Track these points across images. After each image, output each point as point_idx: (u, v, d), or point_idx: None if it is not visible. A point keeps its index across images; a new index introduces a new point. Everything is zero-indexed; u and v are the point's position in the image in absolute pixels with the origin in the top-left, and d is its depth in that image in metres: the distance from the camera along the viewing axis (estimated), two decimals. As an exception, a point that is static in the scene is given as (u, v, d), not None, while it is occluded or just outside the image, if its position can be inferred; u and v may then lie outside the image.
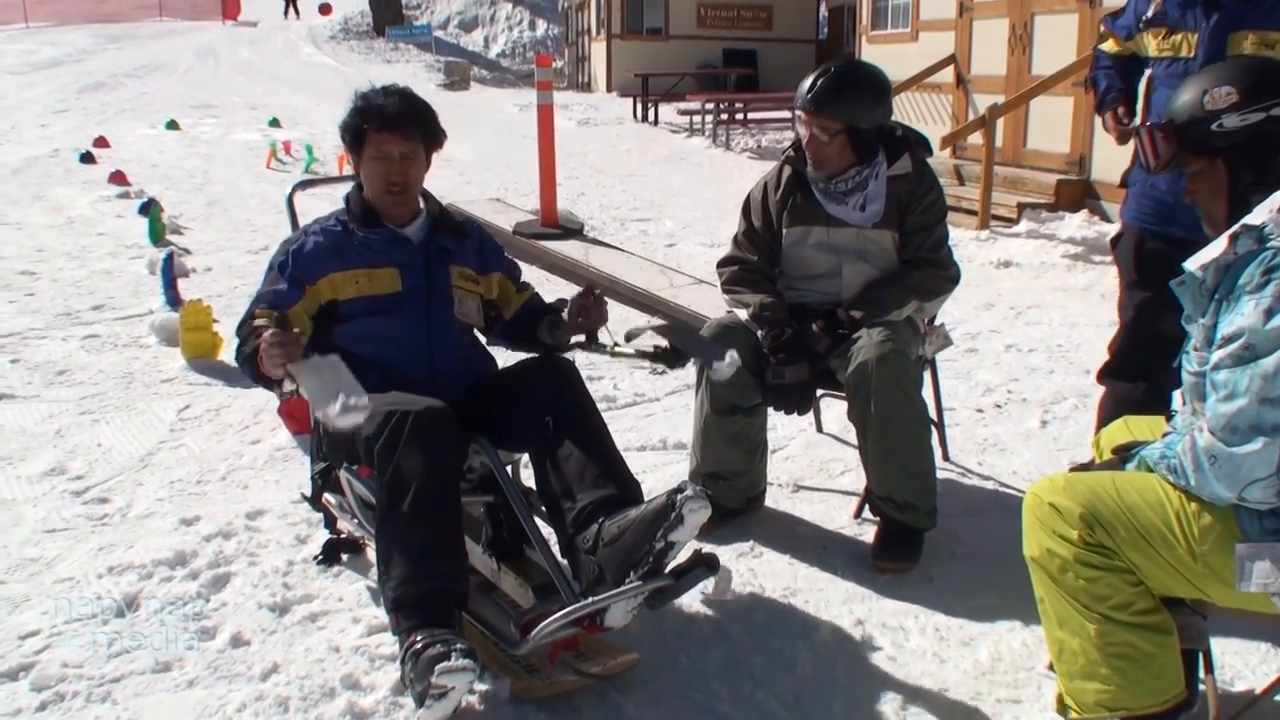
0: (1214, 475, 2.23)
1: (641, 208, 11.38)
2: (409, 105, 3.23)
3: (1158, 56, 3.55)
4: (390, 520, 2.82)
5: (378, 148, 3.20)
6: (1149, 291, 3.58)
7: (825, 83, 3.60)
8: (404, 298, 3.23)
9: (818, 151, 3.68)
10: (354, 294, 3.21)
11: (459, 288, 3.33)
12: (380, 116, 3.18)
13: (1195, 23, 3.40)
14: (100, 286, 7.42)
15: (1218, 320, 2.28)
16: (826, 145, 3.65)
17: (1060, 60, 9.71)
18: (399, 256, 3.26)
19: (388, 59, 31.06)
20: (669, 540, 2.73)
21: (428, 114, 3.28)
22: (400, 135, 3.20)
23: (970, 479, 4.33)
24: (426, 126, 3.27)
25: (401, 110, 3.21)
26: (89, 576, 3.46)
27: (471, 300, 3.38)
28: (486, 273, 3.44)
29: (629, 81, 21.77)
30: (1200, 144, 2.44)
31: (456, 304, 3.31)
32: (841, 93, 3.60)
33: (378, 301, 3.21)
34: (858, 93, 3.63)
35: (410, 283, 3.25)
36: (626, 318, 6.82)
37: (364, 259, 3.23)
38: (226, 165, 13.38)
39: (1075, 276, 8.13)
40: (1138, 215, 3.68)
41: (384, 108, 3.20)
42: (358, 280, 3.21)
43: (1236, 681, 2.95)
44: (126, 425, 4.89)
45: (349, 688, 2.88)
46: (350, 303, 3.21)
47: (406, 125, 3.21)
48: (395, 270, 3.24)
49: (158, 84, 22.81)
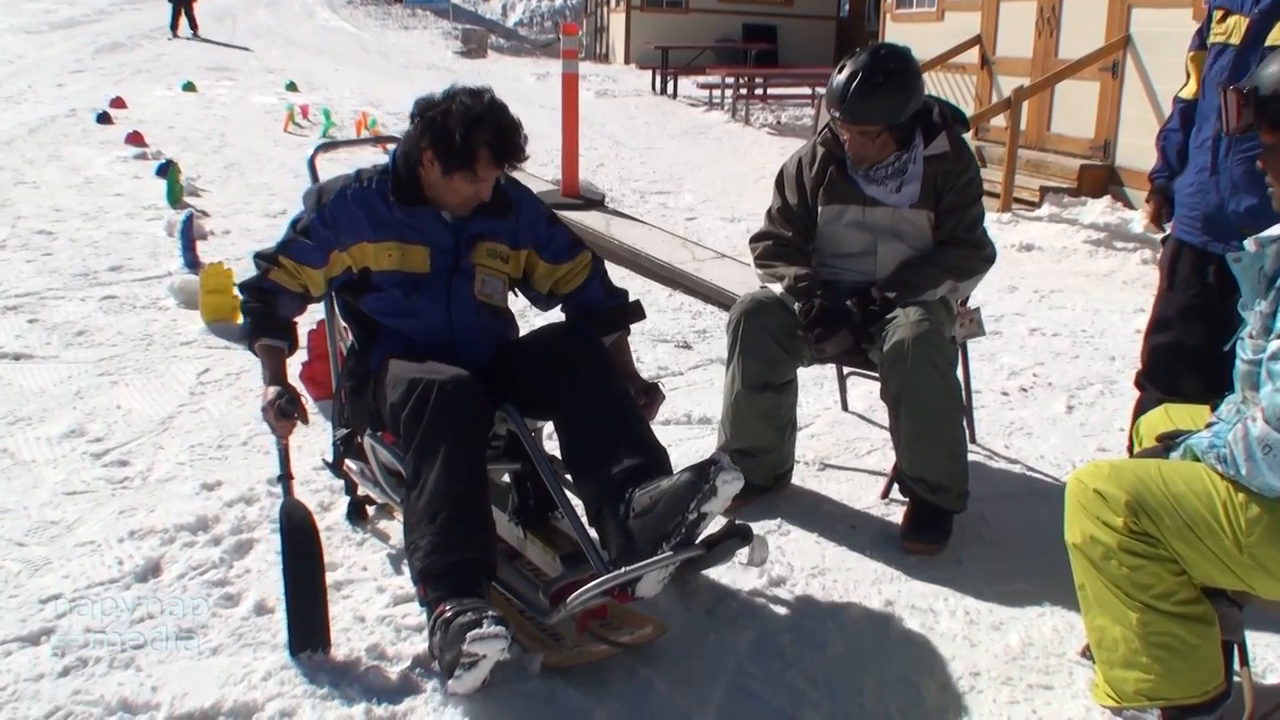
0: (1267, 465, 2.19)
1: (661, 180, 11.30)
2: (517, 138, 3.09)
3: (1212, 42, 3.46)
4: (417, 489, 2.79)
5: (479, 174, 3.07)
6: (1177, 301, 3.52)
7: (857, 90, 3.52)
8: (430, 277, 3.19)
9: (860, 151, 3.64)
10: (386, 266, 3.16)
11: (484, 266, 3.25)
12: (496, 148, 3.04)
13: (1247, 7, 3.32)
14: (118, 247, 7.38)
15: (1277, 308, 2.23)
16: (867, 145, 3.62)
17: (1088, 44, 9.60)
18: (432, 236, 3.19)
19: (405, 25, 30.92)
20: (702, 511, 2.70)
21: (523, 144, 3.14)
22: (501, 167, 3.11)
23: (997, 462, 4.29)
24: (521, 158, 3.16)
25: (516, 144, 3.08)
26: (110, 540, 3.44)
27: (497, 280, 3.29)
28: (519, 248, 3.34)
29: (647, 53, 21.63)
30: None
31: (479, 283, 3.24)
32: (875, 96, 3.53)
33: (406, 278, 3.17)
34: (890, 92, 3.55)
35: (438, 264, 3.19)
36: (648, 289, 6.79)
37: (399, 233, 3.17)
38: (244, 128, 13.31)
39: (1097, 262, 8.07)
40: (1180, 225, 3.60)
41: (505, 140, 3.05)
42: (391, 253, 3.16)
43: (1269, 674, 2.92)
44: (146, 388, 4.86)
45: (375, 658, 2.85)
46: (381, 274, 3.17)
47: (510, 158, 3.10)
48: (427, 251, 3.18)
49: (174, 45, 22.68)
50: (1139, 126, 9.31)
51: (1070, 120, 10.26)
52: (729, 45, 22.65)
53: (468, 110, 3.04)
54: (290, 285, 3.16)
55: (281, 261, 3.15)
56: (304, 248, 3.15)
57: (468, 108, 3.04)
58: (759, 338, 3.64)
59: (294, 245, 3.16)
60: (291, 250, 3.16)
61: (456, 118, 3.03)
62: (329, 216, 3.16)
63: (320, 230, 3.15)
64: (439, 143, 3.05)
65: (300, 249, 3.15)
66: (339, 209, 3.17)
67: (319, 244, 3.15)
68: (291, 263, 3.14)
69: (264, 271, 3.16)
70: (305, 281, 3.17)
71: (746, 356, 3.66)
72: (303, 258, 3.14)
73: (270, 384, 3.06)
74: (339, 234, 3.15)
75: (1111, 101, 9.65)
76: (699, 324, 6.19)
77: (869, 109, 3.54)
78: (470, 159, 3.02)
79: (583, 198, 9.10)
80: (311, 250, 3.15)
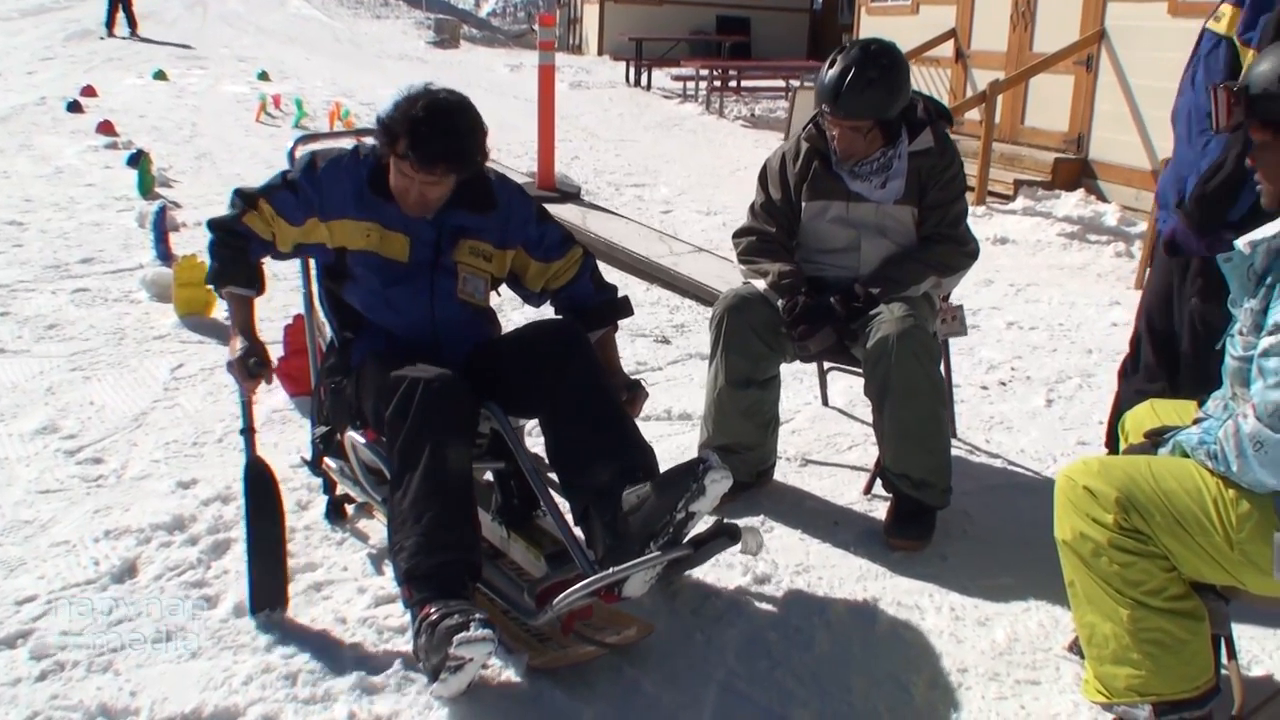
0: (1259, 462, 2.19)
1: (636, 173, 11.26)
2: (448, 148, 2.95)
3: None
4: (401, 489, 2.76)
5: (404, 172, 3.00)
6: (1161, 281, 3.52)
7: (851, 86, 3.52)
8: (409, 270, 3.13)
9: (849, 146, 3.63)
10: (363, 246, 3.10)
11: (466, 264, 3.18)
12: (419, 154, 2.93)
13: None
14: (89, 239, 7.28)
15: (1268, 305, 2.23)
16: (858, 141, 3.61)
17: (1063, 38, 9.64)
18: (413, 226, 3.12)
19: (377, 14, 30.72)
20: (690, 511, 2.69)
21: (467, 155, 3.02)
22: (430, 174, 2.98)
23: (979, 456, 4.29)
24: (461, 167, 3.03)
25: (441, 154, 2.94)
26: (85, 540, 3.38)
27: (479, 279, 3.22)
28: (506, 248, 3.27)
29: (621, 45, 21.58)
30: (1272, 118, 2.34)
31: (461, 282, 3.18)
32: (868, 92, 3.53)
33: (385, 265, 3.11)
34: (883, 87, 3.56)
35: (418, 256, 3.13)
36: (625, 283, 6.75)
37: (381, 217, 3.11)
38: (215, 117, 13.17)
39: (1071, 255, 8.10)
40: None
41: (429, 145, 2.92)
42: (369, 233, 3.10)
43: (1254, 666, 2.93)
44: (119, 383, 4.79)
45: (358, 660, 2.82)
46: (358, 255, 3.11)
47: (435, 166, 2.97)
48: (406, 240, 3.12)
49: (145, 33, 22.38)
50: (1113, 120, 9.36)
51: (1044, 114, 10.29)
52: (703, 37, 22.63)
53: (409, 102, 2.96)
54: (262, 232, 3.10)
55: (260, 205, 3.08)
56: (286, 200, 3.09)
57: (410, 101, 2.96)
58: (742, 334, 3.62)
59: (277, 194, 3.10)
60: (273, 198, 3.09)
61: (400, 117, 2.94)
62: (319, 179, 3.10)
63: (307, 190, 3.09)
64: (381, 139, 3.03)
65: (282, 200, 3.09)
66: (330, 176, 3.11)
67: (301, 203, 3.09)
68: (270, 209, 3.08)
69: (239, 213, 3.08)
70: (276, 233, 3.11)
71: (730, 353, 3.64)
72: (283, 210, 3.09)
73: (238, 334, 3.03)
74: (324, 201, 3.09)
75: (1085, 95, 9.69)
76: (677, 318, 6.16)
77: (862, 104, 3.53)
78: (400, 159, 2.97)
79: (558, 190, 9.05)
80: (293, 206, 3.09)
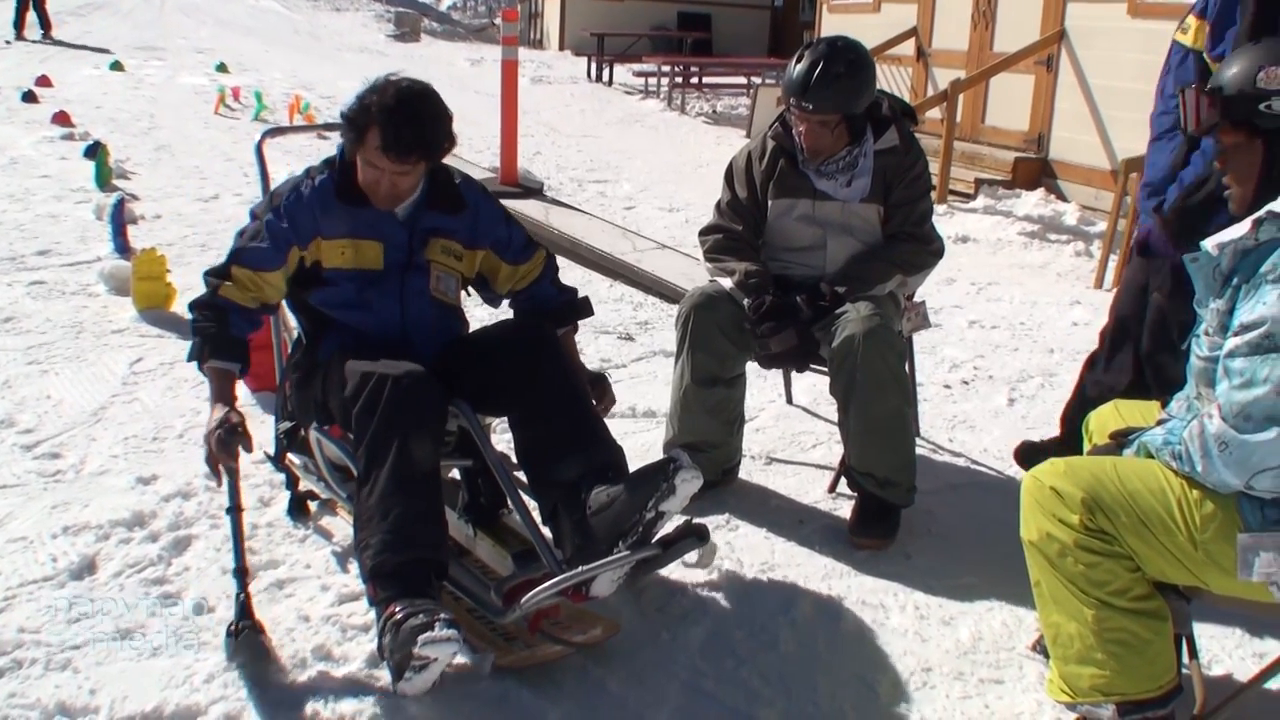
0: (1223, 462, 2.20)
1: (599, 169, 11.24)
2: (420, 135, 2.93)
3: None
4: (369, 486, 2.73)
5: (375, 163, 2.97)
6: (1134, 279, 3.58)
7: (818, 80, 3.52)
8: (384, 273, 3.10)
9: (816, 142, 3.63)
10: (341, 264, 3.07)
11: (438, 263, 3.16)
12: (392, 144, 2.90)
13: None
14: (45, 231, 7.16)
15: (1234, 306, 2.25)
16: (824, 135, 3.61)
17: (1023, 38, 9.72)
18: (385, 231, 3.08)
19: (337, 7, 30.49)
20: (660, 510, 2.69)
21: (437, 142, 3.00)
22: (403, 164, 2.96)
23: (942, 455, 4.31)
24: (432, 155, 3.02)
25: (413, 142, 2.92)
26: (43, 536, 3.32)
27: (451, 277, 3.21)
28: (475, 248, 3.25)
29: (583, 40, 21.53)
30: (1243, 120, 2.36)
31: (434, 280, 3.16)
32: (835, 86, 3.53)
33: (360, 274, 3.08)
34: (851, 82, 3.56)
35: (391, 259, 3.10)
36: (588, 279, 6.74)
37: (352, 229, 3.06)
38: (174, 109, 13.01)
39: (1032, 254, 8.16)
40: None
41: (397, 133, 2.89)
42: (344, 251, 3.06)
43: (1214, 665, 2.96)
44: (77, 377, 4.72)
45: (321, 659, 2.79)
46: (334, 270, 3.08)
47: (409, 156, 2.94)
48: (380, 246, 3.08)
49: (100, 23, 22.17)
50: (1072, 120, 9.45)
51: (1005, 113, 10.37)
52: (664, 33, 22.64)
53: (375, 93, 2.94)
54: (243, 300, 2.98)
55: (234, 274, 2.97)
56: (258, 252, 2.99)
57: (378, 95, 2.93)
58: (709, 332, 3.62)
59: (246, 253, 3.00)
60: (244, 259, 2.99)
61: (368, 109, 2.92)
62: (286, 212, 3.03)
63: (278, 226, 3.01)
64: (347, 135, 3.00)
65: (254, 255, 2.99)
66: (295, 206, 3.04)
67: (276, 242, 3.00)
68: (245, 272, 2.97)
69: (214, 288, 2.98)
70: (263, 290, 3.00)
71: (696, 351, 3.64)
72: (259, 263, 2.98)
73: (216, 405, 2.86)
74: (298, 231, 3.02)
75: (1046, 95, 9.78)
76: (640, 315, 6.15)
77: (829, 99, 3.53)
78: (371, 152, 2.94)
79: (521, 186, 9.02)
80: (267, 253, 2.99)
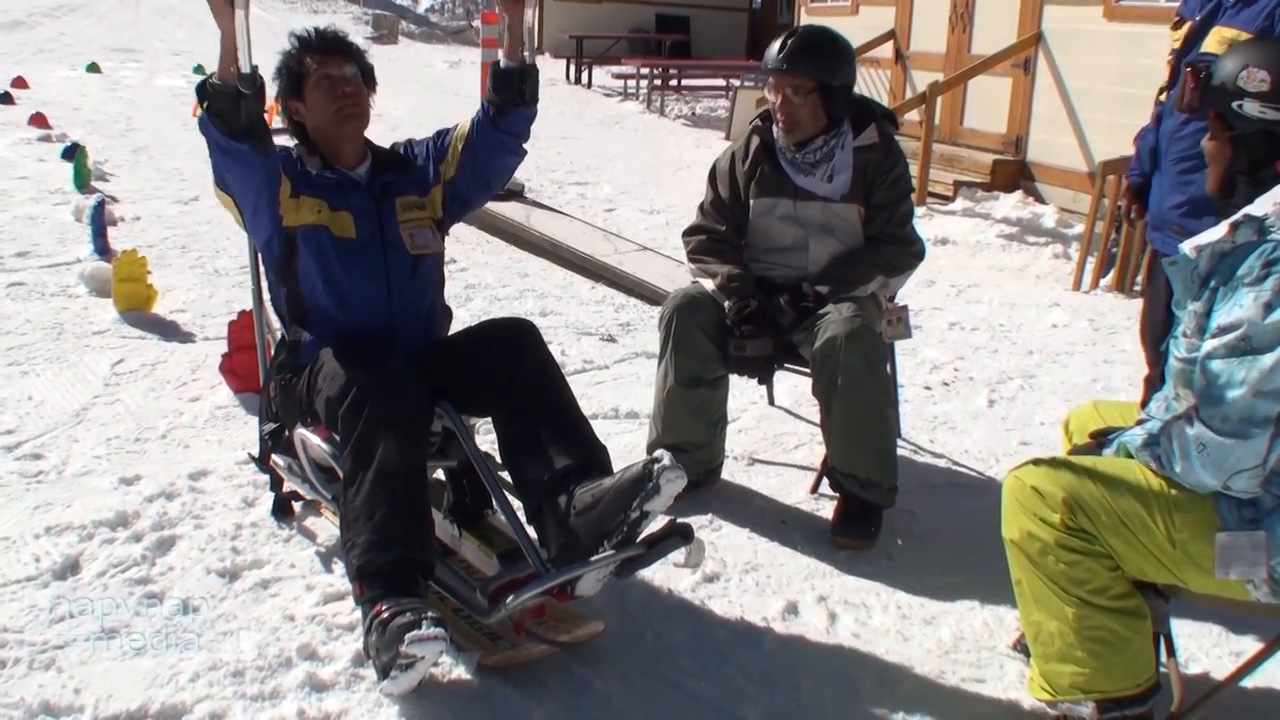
0: (1201, 463, 2.23)
1: (579, 171, 11.26)
2: (335, 35, 3.25)
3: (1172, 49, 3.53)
4: (355, 486, 2.74)
5: (323, 71, 3.15)
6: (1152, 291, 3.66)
7: (796, 42, 3.60)
8: (360, 246, 3.12)
9: (791, 113, 3.65)
10: (314, 220, 3.10)
11: (406, 222, 3.22)
12: (320, 41, 3.20)
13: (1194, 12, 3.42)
14: (24, 232, 7.13)
15: (1211, 308, 2.28)
16: (800, 106, 3.64)
17: (1001, 40, 9.78)
18: (353, 200, 3.15)
19: (314, 9, 30.35)
20: (644, 510, 2.69)
21: (349, 43, 3.28)
22: (342, 56, 3.19)
23: (923, 456, 4.34)
24: (362, 58, 3.27)
25: (338, 36, 3.25)
26: (25, 536, 3.31)
27: (423, 229, 3.26)
28: (431, 188, 3.34)
29: (561, 42, 21.53)
30: (1218, 108, 2.41)
31: (408, 238, 3.20)
32: (813, 50, 3.61)
33: (336, 244, 3.10)
34: (829, 50, 3.64)
35: (364, 230, 3.14)
36: (570, 281, 6.76)
37: (323, 195, 3.13)
38: (152, 111, 12.97)
39: (1010, 256, 8.22)
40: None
41: (321, 34, 3.23)
42: (319, 209, 3.11)
43: (1191, 664, 2.99)
44: (58, 378, 4.71)
45: (306, 658, 2.79)
46: (309, 231, 3.09)
47: (346, 48, 3.22)
48: (350, 215, 3.13)
49: (76, 25, 22.07)
50: (1050, 123, 9.51)
51: (983, 116, 10.43)
52: (643, 36, 22.69)
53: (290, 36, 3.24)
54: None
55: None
56: None
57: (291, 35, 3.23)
58: (692, 333, 3.63)
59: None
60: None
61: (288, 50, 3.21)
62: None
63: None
64: (282, 75, 3.21)
65: None
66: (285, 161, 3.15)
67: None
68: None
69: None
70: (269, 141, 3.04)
71: (679, 352, 3.65)
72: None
73: None
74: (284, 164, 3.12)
75: (1023, 97, 9.84)
76: (622, 317, 6.17)
77: (804, 60, 3.59)
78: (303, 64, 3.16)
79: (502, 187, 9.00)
80: None
